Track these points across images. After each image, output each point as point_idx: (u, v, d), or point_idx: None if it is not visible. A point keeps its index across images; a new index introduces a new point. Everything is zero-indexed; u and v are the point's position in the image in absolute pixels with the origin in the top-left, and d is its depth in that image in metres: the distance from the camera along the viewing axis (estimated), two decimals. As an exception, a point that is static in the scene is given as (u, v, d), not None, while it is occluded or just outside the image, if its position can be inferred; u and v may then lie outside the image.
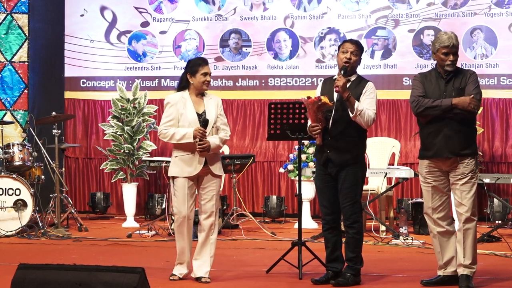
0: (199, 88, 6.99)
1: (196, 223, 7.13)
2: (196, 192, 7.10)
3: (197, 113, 6.96)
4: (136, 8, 12.34)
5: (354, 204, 6.77)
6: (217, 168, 7.03)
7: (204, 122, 6.93)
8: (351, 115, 6.66)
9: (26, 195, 9.96)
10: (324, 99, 6.67)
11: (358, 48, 6.82)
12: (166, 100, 7.06)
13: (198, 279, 6.96)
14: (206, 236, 7.01)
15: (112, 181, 11.68)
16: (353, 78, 6.85)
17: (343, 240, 6.91)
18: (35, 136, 10.38)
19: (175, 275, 7.04)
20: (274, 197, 11.56)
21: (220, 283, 6.97)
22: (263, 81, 12.04)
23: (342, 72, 6.73)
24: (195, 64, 7.00)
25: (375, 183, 10.23)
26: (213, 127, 6.99)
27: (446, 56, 6.63)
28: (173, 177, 7.02)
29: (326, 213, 6.90)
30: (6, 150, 10.26)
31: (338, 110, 6.74)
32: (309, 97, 6.72)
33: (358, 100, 6.72)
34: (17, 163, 10.26)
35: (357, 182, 6.78)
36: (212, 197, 7.00)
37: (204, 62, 7.02)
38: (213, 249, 7.03)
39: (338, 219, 6.92)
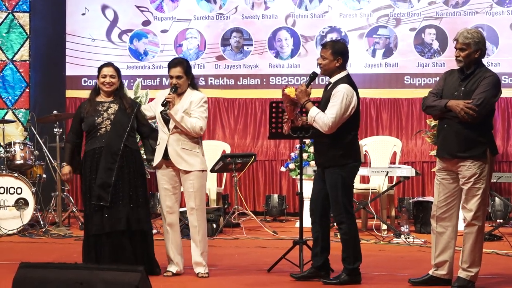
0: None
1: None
2: (181, 188, 7.19)
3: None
4: (138, 7, 12.35)
5: (336, 205, 6.75)
6: (182, 163, 7.01)
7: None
8: (308, 121, 6.75)
9: (27, 193, 9.96)
10: (288, 90, 6.73)
11: (328, 50, 6.75)
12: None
13: (197, 274, 7.11)
14: (193, 234, 7.11)
15: (113, 179, 11.67)
16: (333, 79, 6.82)
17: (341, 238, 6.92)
18: (37, 135, 10.38)
19: (168, 271, 7.15)
20: (276, 195, 11.56)
21: (222, 282, 6.97)
22: (264, 80, 12.04)
23: (309, 78, 6.82)
24: (167, 65, 7.29)
25: (376, 182, 10.23)
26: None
27: (455, 51, 6.58)
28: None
29: (311, 208, 6.97)
30: (8, 149, 10.27)
31: None
32: (286, 86, 6.84)
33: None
34: (18, 162, 10.27)
35: (336, 184, 6.72)
36: (190, 195, 7.05)
37: (171, 65, 7.23)
38: (201, 247, 7.09)
39: (322, 216, 6.90)
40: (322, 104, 6.75)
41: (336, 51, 6.76)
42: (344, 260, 6.81)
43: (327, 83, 6.92)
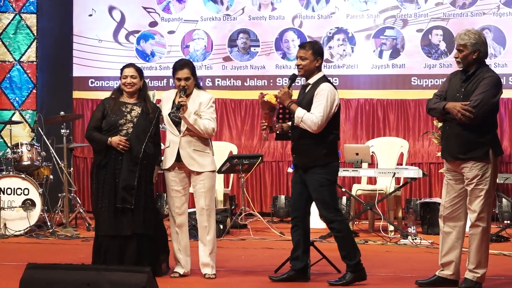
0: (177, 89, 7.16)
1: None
2: (191, 189, 7.20)
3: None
4: (145, 8, 12.35)
5: (323, 205, 6.78)
6: (194, 164, 7.05)
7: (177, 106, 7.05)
8: (295, 122, 6.75)
9: (34, 194, 9.98)
10: (268, 97, 6.78)
11: (309, 50, 6.79)
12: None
13: (204, 275, 7.12)
14: (202, 234, 7.13)
15: (120, 180, 11.66)
16: (312, 80, 6.85)
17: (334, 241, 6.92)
18: (44, 136, 10.40)
19: (175, 272, 7.16)
20: (283, 196, 11.55)
21: (228, 282, 6.98)
22: (271, 81, 12.04)
23: (290, 80, 6.90)
24: (173, 68, 7.22)
25: (383, 183, 10.22)
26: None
27: (455, 53, 6.58)
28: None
29: (292, 211, 7.04)
30: (15, 150, 10.28)
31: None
32: (263, 94, 6.90)
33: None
34: (25, 163, 10.28)
35: (321, 184, 6.73)
36: (200, 195, 7.08)
37: (177, 67, 7.16)
38: (210, 248, 7.10)
39: (303, 219, 6.93)
40: (304, 105, 6.76)
41: (316, 51, 6.82)
42: (345, 257, 6.81)
43: (303, 84, 6.98)
